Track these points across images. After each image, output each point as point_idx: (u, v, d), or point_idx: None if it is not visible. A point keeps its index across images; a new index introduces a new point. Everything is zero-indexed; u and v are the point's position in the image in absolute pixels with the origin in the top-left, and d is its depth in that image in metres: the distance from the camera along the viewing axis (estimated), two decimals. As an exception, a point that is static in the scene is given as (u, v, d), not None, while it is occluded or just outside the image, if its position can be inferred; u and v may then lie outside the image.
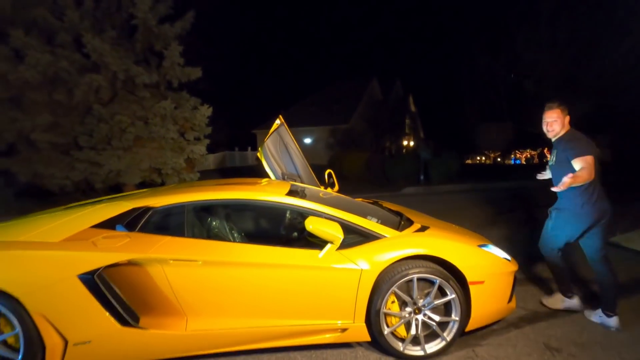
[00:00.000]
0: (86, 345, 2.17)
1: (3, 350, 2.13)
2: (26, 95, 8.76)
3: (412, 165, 13.82)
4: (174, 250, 2.29)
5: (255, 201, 2.57)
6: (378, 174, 13.97)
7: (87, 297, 2.13)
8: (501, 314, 2.63)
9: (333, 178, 4.29)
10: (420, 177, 13.50)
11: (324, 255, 2.33)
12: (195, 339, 2.29)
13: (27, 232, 2.32)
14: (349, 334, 2.39)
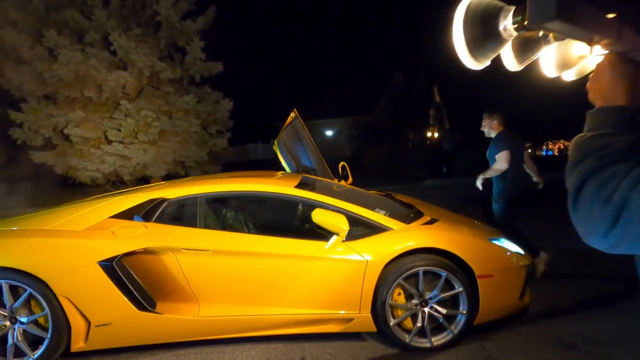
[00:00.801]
0: (107, 327, 2.32)
1: (35, 330, 2.32)
2: (60, 92, 9.26)
3: (435, 157, 13.55)
4: (186, 240, 2.40)
5: (264, 193, 2.64)
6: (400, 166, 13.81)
7: (106, 283, 2.28)
8: (512, 309, 2.58)
9: (347, 170, 4.29)
10: (443, 169, 13.22)
11: (330, 246, 2.37)
12: (206, 325, 2.40)
13: (54, 221, 2.50)
14: (355, 324, 2.42)
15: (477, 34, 0.73)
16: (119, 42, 8.93)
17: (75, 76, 8.95)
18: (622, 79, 0.69)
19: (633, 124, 0.66)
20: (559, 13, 0.61)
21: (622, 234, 0.59)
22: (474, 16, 0.73)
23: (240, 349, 2.50)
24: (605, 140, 0.66)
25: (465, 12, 0.73)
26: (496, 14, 0.71)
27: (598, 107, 0.71)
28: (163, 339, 2.43)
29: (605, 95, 0.70)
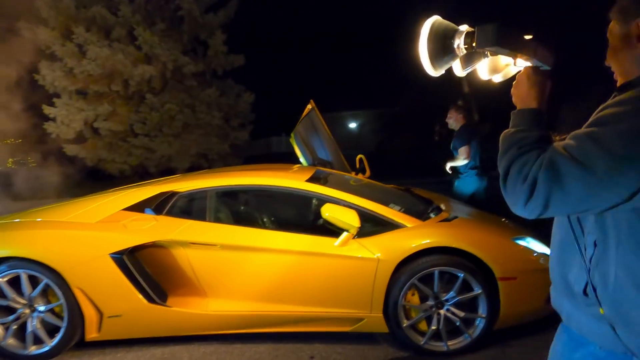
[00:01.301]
0: (118, 318, 2.35)
1: (52, 318, 2.38)
2: (89, 87, 9.61)
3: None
4: (194, 233, 2.38)
5: (274, 187, 2.57)
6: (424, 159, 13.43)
7: (117, 275, 2.30)
8: (537, 314, 2.40)
9: (364, 164, 4.16)
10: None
11: (340, 243, 2.27)
12: (215, 319, 2.38)
13: (70, 213, 2.55)
14: (366, 324, 2.33)
15: (437, 49, 0.97)
16: (144, 37, 9.12)
17: (103, 71, 9.26)
18: (535, 87, 0.91)
19: (542, 122, 0.88)
20: (497, 41, 0.88)
21: (535, 203, 0.78)
22: (435, 34, 0.96)
23: (249, 345, 2.47)
24: (522, 135, 0.86)
25: (429, 30, 0.96)
26: (452, 35, 0.96)
27: (518, 109, 0.92)
28: (173, 332, 2.44)
29: (523, 100, 0.92)
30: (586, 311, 0.84)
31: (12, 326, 2.38)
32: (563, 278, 0.90)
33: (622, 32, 0.86)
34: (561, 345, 0.93)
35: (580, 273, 0.85)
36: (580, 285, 0.84)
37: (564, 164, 0.76)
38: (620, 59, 0.87)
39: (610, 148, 0.73)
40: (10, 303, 2.37)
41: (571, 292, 0.88)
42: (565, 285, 0.90)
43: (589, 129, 0.79)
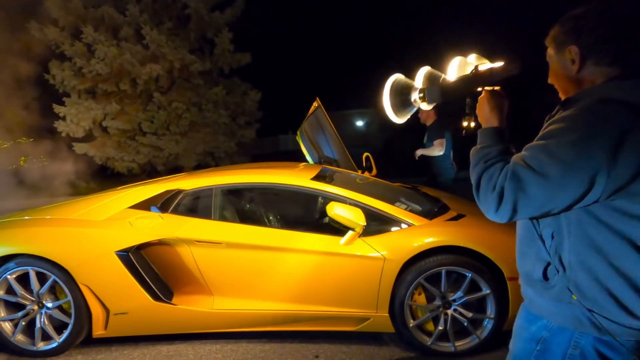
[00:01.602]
0: (124, 315, 2.36)
1: (59, 315, 2.40)
2: (98, 86, 9.70)
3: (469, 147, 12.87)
4: (199, 231, 2.38)
5: (279, 185, 2.56)
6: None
7: (123, 272, 2.31)
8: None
9: (371, 162, 4.12)
10: None
11: (345, 242, 2.25)
12: (220, 317, 2.38)
13: (77, 210, 2.56)
14: (372, 323, 2.31)
15: (397, 103, 1.23)
16: (151, 36, 9.17)
17: (111, 70, 9.33)
18: (495, 109, 1.06)
19: (504, 138, 1.03)
20: (442, 97, 1.15)
21: (505, 209, 0.91)
22: (394, 91, 1.22)
23: (254, 343, 2.46)
24: (487, 150, 1.01)
25: (391, 86, 1.22)
26: (408, 91, 1.20)
27: (482, 127, 1.08)
28: (178, 330, 2.44)
29: (486, 119, 1.07)
30: (543, 294, 0.99)
31: (21, 322, 2.40)
32: (523, 268, 1.06)
33: (557, 57, 1.01)
34: (522, 320, 1.09)
35: (536, 262, 0.99)
36: (538, 272, 0.98)
37: (524, 174, 0.89)
38: (559, 78, 1.03)
39: (559, 157, 0.86)
40: (19, 299, 2.40)
41: (530, 280, 1.02)
42: (526, 274, 1.04)
43: (541, 141, 0.91)
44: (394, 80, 1.22)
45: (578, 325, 0.93)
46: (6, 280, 2.37)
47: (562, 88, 1.02)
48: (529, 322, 1.04)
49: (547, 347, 0.98)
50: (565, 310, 0.94)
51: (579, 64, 0.95)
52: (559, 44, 0.99)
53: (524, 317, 1.07)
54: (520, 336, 1.07)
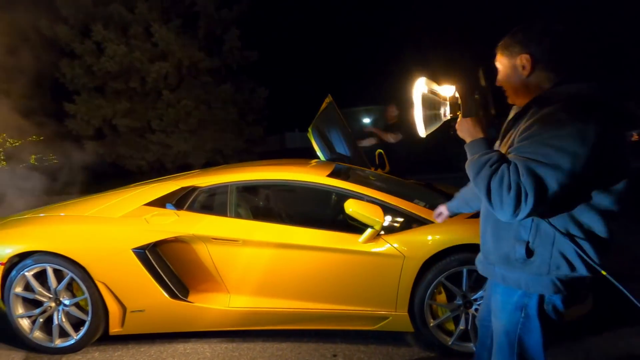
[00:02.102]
0: (141, 313, 2.35)
1: (77, 312, 2.40)
2: (107, 85, 9.75)
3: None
4: (216, 229, 2.36)
5: (296, 182, 2.52)
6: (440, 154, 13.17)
7: (140, 270, 2.30)
8: (571, 316, 2.29)
9: (384, 159, 4.07)
10: None
11: (364, 239, 2.21)
12: (237, 315, 2.36)
13: (93, 207, 2.55)
14: (390, 323, 2.27)
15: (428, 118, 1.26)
16: (160, 34, 9.18)
17: (121, 68, 9.37)
18: (477, 123, 1.16)
19: (493, 145, 1.15)
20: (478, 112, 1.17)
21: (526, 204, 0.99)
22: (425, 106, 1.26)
23: (271, 342, 2.44)
24: (486, 157, 1.08)
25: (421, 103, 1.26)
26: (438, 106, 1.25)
27: (471, 140, 1.15)
28: (195, 328, 2.43)
29: (471, 134, 1.15)
30: (523, 269, 1.16)
31: (39, 319, 2.41)
32: (500, 251, 1.21)
33: (510, 63, 1.18)
34: (500, 295, 1.25)
35: (516, 243, 1.16)
36: (520, 252, 1.14)
37: (539, 168, 0.99)
38: (510, 81, 1.20)
39: (565, 148, 0.98)
40: (37, 296, 2.40)
41: (508, 259, 1.18)
42: (503, 256, 1.20)
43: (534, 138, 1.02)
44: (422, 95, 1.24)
45: (554, 290, 1.15)
46: (24, 277, 2.37)
47: (512, 89, 1.21)
48: (508, 295, 1.22)
49: (527, 313, 1.19)
50: (544, 280, 1.14)
51: (530, 69, 1.14)
52: (511, 52, 1.17)
53: (502, 292, 1.24)
54: (504, 310, 1.23)
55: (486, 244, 1.27)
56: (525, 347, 1.22)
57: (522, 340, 1.21)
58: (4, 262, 2.38)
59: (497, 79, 1.25)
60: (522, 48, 1.14)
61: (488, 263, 1.28)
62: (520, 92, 1.18)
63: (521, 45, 1.14)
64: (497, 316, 1.27)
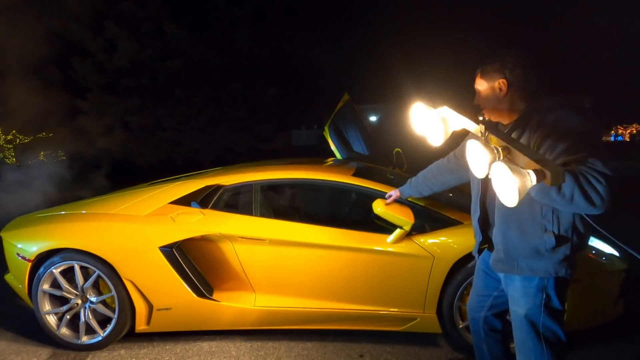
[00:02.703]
0: (168, 311, 2.36)
1: (103, 309, 2.41)
2: (119, 82, 9.79)
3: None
4: (243, 228, 2.35)
5: (323, 181, 2.51)
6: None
7: (167, 268, 2.30)
8: (603, 317, 2.26)
9: (402, 157, 4.03)
10: None
11: (393, 240, 2.19)
12: (262, 315, 2.35)
13: (118, 205, 2.56)
14: (418, 324, 2.25)
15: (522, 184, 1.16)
16: (172, 31, 9.20)
17: (132, 66, 9.41)
18: None
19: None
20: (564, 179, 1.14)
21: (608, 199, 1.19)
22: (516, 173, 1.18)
23: (297, 341, 2.43)
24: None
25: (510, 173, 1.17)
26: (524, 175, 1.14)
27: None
28: (220, 326, 2.43)
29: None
30: (550, 258, 1.37)
31: (66, 316, 2.42)
32: (529, 245, 1.38)
33: (489, 85, 1.46)
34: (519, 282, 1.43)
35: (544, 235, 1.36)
36: (549, 242, 1.35)
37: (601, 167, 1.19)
38: (488, 100, 1.47)
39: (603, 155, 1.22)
40: (64, 293, 2.41)
41: (536, 251, 1.37)
42: (532, 249, 1.38)
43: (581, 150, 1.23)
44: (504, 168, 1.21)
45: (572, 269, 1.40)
46: (52, 274, 2.38)
47: (491, 107, 1.47)
48: (528, 280, 1.41)
49: (548, 293, 1.39)
50: (568, 261, 1.38)
51: (505, 91, 1.43)
52: (490, 77, 1.45)
53: (521, 279, 1.42)
54: (527, 294, 1.41)
55: (509, 242, 1.43)
56: (547, 326, 1.40)
57: (545, 321, 1.40)
58: (31, 259, 2.40)
59: (476, 99, 1.51)
60: (499, 75, 1.43)
61: (510, 259, 1.44)
62: (497, 109, 1.47)
63: (499, 72, 1.43)
64: (519, 303, 1.43)
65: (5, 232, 2.58)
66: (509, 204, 1.15)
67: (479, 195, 1.60)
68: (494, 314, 1.68)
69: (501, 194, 1.15)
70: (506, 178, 1.11)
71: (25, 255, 2.40)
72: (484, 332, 1.71)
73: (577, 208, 1.20)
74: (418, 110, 1.56)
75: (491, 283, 1.65)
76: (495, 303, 1.66)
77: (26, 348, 2.45)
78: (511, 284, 1.46)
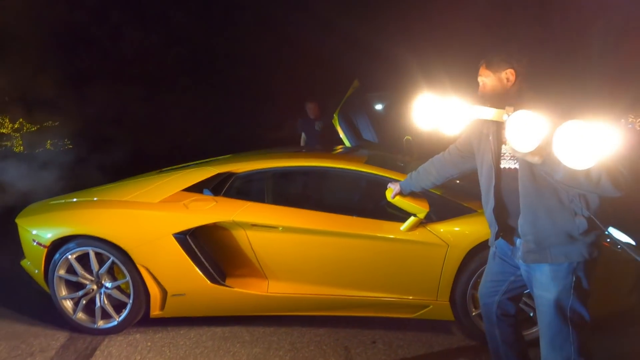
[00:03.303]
0: (182, 297, 2.38)
1: (118, 295, 2.44)
2: (125, 70, 9.74)
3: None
4: (255, 215, 2.35)
5: (335, 169, 2.49)
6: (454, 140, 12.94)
7: (181, 255, 2.32)
8: (618, 306, 2.25)
9: (412, 145, 3.99)
10: None
11: (406, 227, 2.18)
12: (275, 301, 2.37)
13: (130, 192, 2.57)
14: (431, 311, 2.26)
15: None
16: (177, 18, 9.10)
17: (137, 54, 9.34)
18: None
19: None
20: None
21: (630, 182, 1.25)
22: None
23: (309, 327, 2.46)
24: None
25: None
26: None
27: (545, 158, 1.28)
28: (233, 312, 2.46)
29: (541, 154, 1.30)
30: (583, 242, 1.39)
31: (82, 301, 2.46)
32: (562, 230, 1.39)
33: (494, 76, 1.48)
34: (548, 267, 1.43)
35: (576, 219, 1.38)
36: (582, 226, 1.37)
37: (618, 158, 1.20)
38: (498, 92, 1.48)
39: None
40: (80, 279, 2.44)
41: (570, 236, 1.38)
42: (565, 234, 1.39)
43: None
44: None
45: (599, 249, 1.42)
46: (67, 260, 2.41)
47: (497, 97, 1.47)
48: (557, 266, 1.40)
49: (578, 275, 1.40)
50: (594, 245, 1.40)
51: (513, 81, 1.45)
52: (496, 67, 1.47)
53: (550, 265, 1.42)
54: (556, 278, 1.41)
55: (540, 232, 1.43)
56: (574, 308, 1.41)
57: (573, 304, 1.40)
58: (47, 245, 2.43)
59: (479, 90, 1.53)
60: (506, 64, 1.45)
61: (542, 249, 1.43)
62: (503, 100, 1.45)
63: (505, 61, 1.46)
64: (548, 288, 1.43)
65: (21, 218, 2.61)
66: (523, 149, 1.20)
67: (492, 186, 1.57)
68: (508, 298, 1.68)
69: (517, 141, 1.21)
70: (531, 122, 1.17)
71: (41, 242, 2.43)
72: (496, 317, 1.71)
73: (602, 191, 1.23)
74: (427, 102, 1.55)
75: (508, 269, 1.64)
76: (511, 288, 1.66)
77: (44, 332, 2.50)
78: (538, 270, 1.46)
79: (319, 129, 4.75)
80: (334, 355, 2.18)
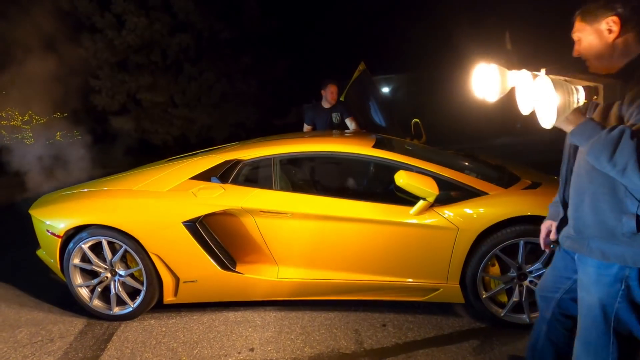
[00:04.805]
0: (193, 283, 2.42)
1: (132, 282, 2.49)
2: (130, 59, 9.70)
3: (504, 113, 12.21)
4: (263, 202, 2.35)
5: (342, 154, 2.47)
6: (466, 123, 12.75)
7: (191, 242, 2.34)
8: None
9: (420, 128, 3.93)
10: (518, 125, 11.86)
11: (416, 211, 2.16)
12: (285, 286, 2.40)
13: (140, 182, 2.59)
14: (441, 294, 2.26)
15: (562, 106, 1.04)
16: (179, 4, 8.97)
17: (142, 42, 9.27)
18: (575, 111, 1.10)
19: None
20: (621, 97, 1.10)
21: None
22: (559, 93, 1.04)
23: (319, 311, 2.48)
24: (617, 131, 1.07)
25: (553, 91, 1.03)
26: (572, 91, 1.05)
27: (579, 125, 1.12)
28: (244, 297, 2.49)
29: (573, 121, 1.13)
30: (631, 244, 1.13)
31: (97, 289, 2.52)
32: (603, 223, 1.18)
33: (593, 29, 1.18)
34: (594, 268, 1.22)
35: (623, 216, 1.13)
36: (628, 225, 1.12)
37: None
38: (596, 49, 1.19)
39: None
40: (94, 267, 2.50)
41: (612, 234, 1.16)
42: (605, 229, 1.17)
43: None
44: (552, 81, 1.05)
45: None
46: (81, 249, 2.46)
47: (596, 56, 1.20)
48: (605, 267, 1.20)
49: (629, 285, 1.17)
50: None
51: (617, 31, 1.14)
52: (594, 17, 1.17)
53: (596, 265, 1.22)
54: (600, 282, 1.21)
55: (581, 218, 1.25)
56: (622, 320, 1.20)
57: (619, 314, 1.20)
58: (61, 235, 2.47)
59: (575, 50, 1.25)
60: (607, 11, 1.15)
61: (581, 238, 1.26)
62: (605, 58, 1.19)
63: (605, 8, 1.15)
64: (589, 290, 1.25)
65: (34, 209, 2.66)
66: (545, 124, 1.05)
67: (564, 166, 1.42)
68: (571, 298, 1.43)
69: (540, 112, 1.06)
70: (548, 93, 1.01)
71: (55, 232, 2.48)
72: (553, 314, 1.49)
73: (629, 182, 1.06)
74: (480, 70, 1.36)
75: (570, 264, 1.41)
76: (575, 287, 1.39)
77: (62, 318, 2.58)
78: (583, 268, 1.27)
79: (337, 121, 3.88)
80: (344, 339, 2.21)
